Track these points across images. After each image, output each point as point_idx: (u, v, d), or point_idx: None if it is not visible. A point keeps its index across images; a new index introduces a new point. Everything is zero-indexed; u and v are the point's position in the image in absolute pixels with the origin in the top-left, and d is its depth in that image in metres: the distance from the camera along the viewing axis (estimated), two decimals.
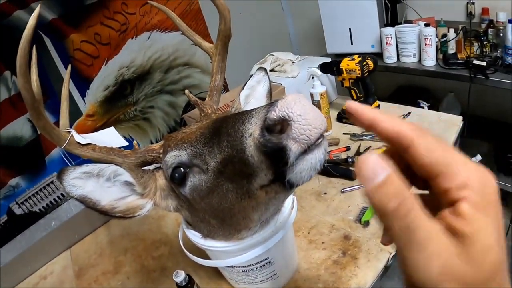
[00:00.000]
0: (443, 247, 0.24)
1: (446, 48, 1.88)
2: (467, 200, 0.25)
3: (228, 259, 0.64)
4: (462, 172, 0.25)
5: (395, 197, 0.25)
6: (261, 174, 0.42)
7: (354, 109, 0.31)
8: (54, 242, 1.13)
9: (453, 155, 0.26)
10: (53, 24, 1.52)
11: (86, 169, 0.57)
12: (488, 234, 0.24)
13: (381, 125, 0.29)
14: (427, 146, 0.26)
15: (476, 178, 0.25)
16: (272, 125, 0.36)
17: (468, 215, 0.24)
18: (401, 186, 0.26)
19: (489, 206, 0.25)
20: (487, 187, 0.25)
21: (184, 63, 2.11)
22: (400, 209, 0.25)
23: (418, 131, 0.27)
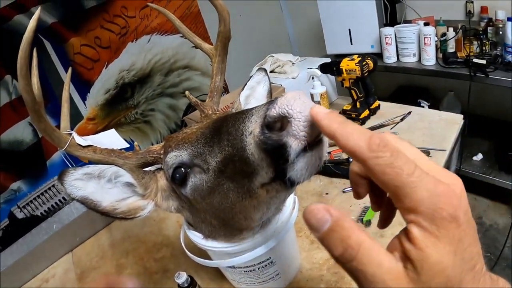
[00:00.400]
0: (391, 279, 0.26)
1: (446, 47, 1.89)
2: (416, 225, 0.26)
3: (230, 259, 0.64)
4: (412, 195, 0.26)
5: (339, 245, 0.27)
6: (262, 172, 0.41)
7: (317, 120, 0.31)
8: (55, 245, 1.13)
9: (406, 178, 0.26)
10: (53, 28, 1.53)
11: (87, 170, 0.57)
12: (438, 259, 0.25)
13: (339, 141, 0.29)
14: (379, 168, 0.26)
15: (427, 201, 0.25)
16: (272, 123, 0.36)
17: (418, 241, 0.25)
18: (345, 233, 0.27)
19: (441, 230, 0.25)
20: (439, 211, 0.25)
21: (184, 65, 2.11)
22: (345, 255, 0.27)
23: (373, 151, 0.27)
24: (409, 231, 0.26)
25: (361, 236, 0.27)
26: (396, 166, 0.26)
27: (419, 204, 0.25)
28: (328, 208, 0.28)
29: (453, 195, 0.26)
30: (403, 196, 0.26)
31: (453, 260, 0.25)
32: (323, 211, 0.28)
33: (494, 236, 1.95)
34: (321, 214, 0.28)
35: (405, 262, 0.26)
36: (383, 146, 0.27)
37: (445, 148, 1.14)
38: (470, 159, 2.02)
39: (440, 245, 0.25)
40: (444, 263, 0.25)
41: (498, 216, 2.05)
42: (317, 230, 0.28)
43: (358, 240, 0.27)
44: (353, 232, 0.27)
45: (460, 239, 0.25)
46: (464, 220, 0.25)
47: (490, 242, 1.92)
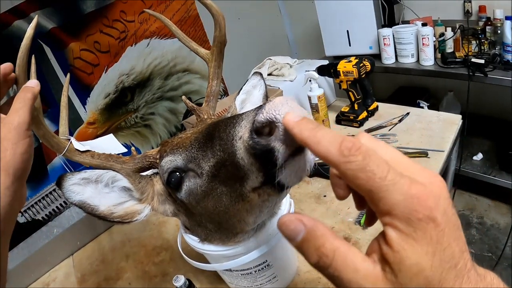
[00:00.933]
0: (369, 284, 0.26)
1: (444, 47, 1.89)
2: (392, 227, 0.26)
3: (226, 263, 0.64)
4: (385, 199, 0.25)
5: (314, 253, 0.28)
6: (252, 177, 0.42)
7: (289, 128, 0.31)
8: (56, 249, 1.14)
9: (379, 182, 0.26)
10: (52, 33, 1.54)
11: (85, 175, 0.58)
12: (415, 260, 0.25)
13: (311, 148, 0.29)
14: (351, 173, 0.26)
15: (402, 205, 0.25)
16: (260, 128, 0.36)
17: (394, 243, 0.25)
18: (319, 242, 0.28)
19: (418, 232, 0.25)
20: (415, 213, 0.25)
21: (184, 69, 2.12)
22: (321, 263, 0.27)
23: (344, 156, 0.26)
24: (386, 234, 0.26)
25: (335, 243, 0.27)
26: (368, 170, 0.26)
27: (393, 208, 0.25)
28: (300, 218, 0.29)
29: (429, 196, 0.25)
30: (377, 200, 0.26)
31: (432, 261, 0.25)
32: (296, 221, 0.29)
33: (495, 235, 1.95)
34: (294, 225, 0.29)
35: (383, 264, 0.26)
36: (355, 150, 0.26)
37: (444, 148, 1.15)
38: (470, 159, 2.02)
39: (417, 247, 0.25)
40: (422, 265, 0.25)
41: (499, 215, 2.05)
42: (292, 240, 0.29)
43: (332, 248, 0.27)
44: (327, 240, 0.28)
45: (438, 240, 0.25)
46: (442, 220, 0.25)
47: (492, 242, 1.92)
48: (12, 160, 0.46)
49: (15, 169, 0.46)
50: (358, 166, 0.26)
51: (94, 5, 1.67)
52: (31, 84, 0.51)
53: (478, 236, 1.99)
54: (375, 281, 0.26)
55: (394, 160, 0.28)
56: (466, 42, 1.86)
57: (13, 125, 0.47)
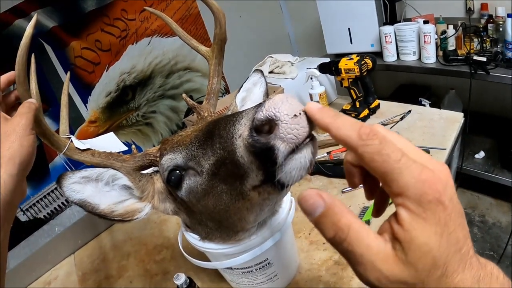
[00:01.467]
0: (379, 260, 0.28)
1: (446, 45, 1.88)
2: (404, 207, 0.27)
3: (226, 261, 0.64)
4: (398, 181, 0.27)
5: (331, 229, 0.29)
6: (252, 175, 0.42)
7: (311, 114, 0.33)
8: (58, 247, 1.14)
9: (393, 165, 0.27)
10: (53, 32, 1.54)
11: (85, 173, 0.58)
12: (424, 240, 0.26)
13: (332, 132, 0.31)
14: (368, 156, 0.28)
15: (414, 186, 0.27)
16: (260, 126, 0.36)
17: (405, 223, 0.27)
18: (336, 217, 0.29)
19: (428, 213, 0.26)
20: (425, 195, 0.26)
21: (185, 67, 2.12)
22: (336, 238, 0.29)
23: (362, 140, 0.28)
24: (397, 214, 0.28)
25: (350, 218, 0.29)
26: (383, 154, 0.28)
27: (406, 189, 0.27)
28: (321, 194, 0.30)
29: (438, 181, 0.27)
30: (390, 181, 0.28)
31: (439, 242, 0.26)
32: (316, 196, 0.30)
33: (497, 234, 1.95)
34: (314, 199, 0.30)
35: (394, 243, 0.28)
36: (372, 135, 0.28)
37: (445, 146, 1.14)
38: (472, 157, 2.02)
39: (426, 227, 0.26)
40: (430, 245, 0.26)
41: (501, 214, 2.04)
42: (310, 214, 0.30)
43: (348, 223, 0.29)
44: (343, 216, 0.29)
45: (446, 223, 0.26)
46: (449, 205, 0.27)
47: (493, 240, 1.92)
48: (19, 151, 0.51)
49: (21, 159, 0.51)
50: (375, 149, 0.28)
51: (95, 3, 1.67)
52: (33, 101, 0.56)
53: (479, 235, 1.98)
54: (385, 257, 0.28)
55: (406, 149, 0.30)
56: (468, 40, 1.85)
57: (19, 124, 0.52)
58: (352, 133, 0.29)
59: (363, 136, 0.28)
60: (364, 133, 0.29)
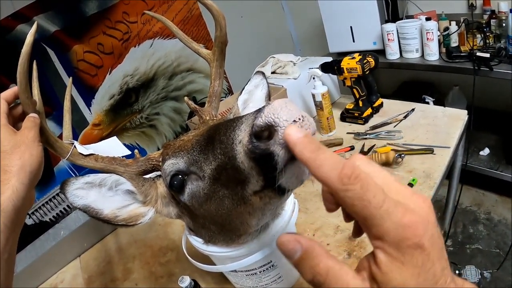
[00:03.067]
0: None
1: (449, 41, 1.87)
2: (382, 251, 0.28)
3: (230, 264, 0.64)
4: (379, 226, 0.27)
5: (309, 272, 0.30)
6: (253, 180, 0.42)
7: (291, 146, 0.31)
8: (63, 251, 1.15)
9: (373, 211, 0.27)
10: (56, 36, 1.55)
11: (88, 179, 0.58)
12: (401, 281, 0.27)
13: (311, 170, 0.30)
14: (348, 201, 0.28)
15: (394, 232, 0.27)
16: (260, 132, 0.36)
17: (383, 265, 0.27)
18: (314, 261, 0.30)
19: (406, 257, 0.27)
20: (405, 241, 0.27)
21: (188, 68, 2.13)
22: (315, 280, 0.29)
23: (343, 183, 0.28)
24: (375, 256, 0.28)
25: (329, 263, 0.29)
26: (365, 199, 0.27)
27: (385, 234, 0.27)
28: (298, 239, 0.31)
29: (419, 224, 0.27)
30: (370, 225, 0.28)
31: (416, 282, 0.27)
32: (294, 242, 0.31)
33: (503, 231, 1.93)
34: (292, 245, 0.31)
35: (372, 283, 0.28)
36: (354, 179, 0.27)
37: (449, 145, 1.14)
38: (477, 154, 2.00)
39: (404, 270, 0.27)
40: (406, 285, 0.27)
41: (506, 211, 2.02)
42: (289, 258, 0.31)
43: (326, 267, 0.29)
44: (321, 260, 0.29)
45: (424, 263, 0.27)
46: (428, 244, 0.27)
47: (499, 237, 1.90)
48: (29, 160, 0.54)
49: (31, 168, 0.54)
50: (356, 195, 0.27)
51: (97, 7, 1.67)
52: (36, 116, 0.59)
53: (485, 232, 1.97)
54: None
55: (387, 185, 0.29)
56: (471, 36, 1.84)
57: (28, 136, 0.55)
58: (333, 175, 0.28)
59: (344, 179, 0.28)
60: (345, 176, 0.28)
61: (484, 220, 2.05)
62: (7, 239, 0.50)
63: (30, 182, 0.54)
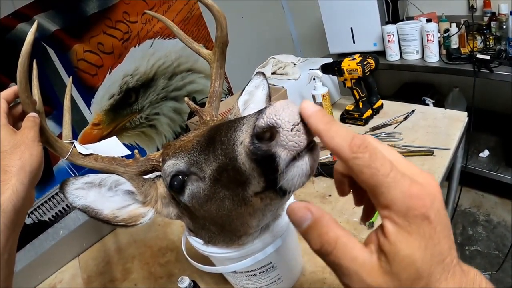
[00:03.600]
0: (364, 271, 0.28)
1: (449, 43, 1.87)
2: (390, 220, 0.28)
3: (230, 265, 0.64)
4: (386, 194, 0.28)
5: (317, 241, 0.30)
6: (254, 182, 0.42)
7: (306, 117, 0.33)
8: (62, 250, 1.15)
9: (381, 179, 0.28)
10: (56, 35, 1.54)
11: (88, 179, 0.58)
12: (409, 252, 0.27)
13: (324, 140, 0.30)
14: (358, 168, 0.28)
15: (401, 201, 0.27)
16: (261, 133, 0.36)
17: (391, 235, 0.28)
18: (323, 230, 0.30)
19: (413, 226, 0.27)
20: (411, 210, 0.27)
21: (188, 68, 2.12)
22: (323, 250, 0.30)
23: (353, 152, 0.29)
24: (384, 226, 0.28)
25: (338, 232, 0.30)
26: (373, 167, 0.28)
27: (393, 203, 0.27)
28: (309, 207, 0.31)
29: (426, 196, 0.27)
30: (378, 194, 0.28)
31: (423, 254, 0.27)
32: (304, 209, 0.31)
33: (502, 233, 1.93)
34: (302, 212, 0.31)
35: (380, 254, 0.28)
36: (363, 148, 0.28)
37: (449, 146, 1.14)
38: (477, 156, 2.00)
39: (411, 240, 0.27)
40: (414, 257, 0.27)
41: (506, 212, 2.03)
42: (298, 226, 0.31)
43: (335, 236, 0.29)
44: (331, 229, 0.30)
45: (431, 236, 0.27)
46: (435, 218, 0.27)
47: (498, 239, 1.90)
48: (30, 160, 0.54)
49: (31, 168, 0.54)
50: (365, 162, 0.28)
51: (97, 6, 1.67)
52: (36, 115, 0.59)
53: (484, 234, 1.97)
54: (370, 269, 0.28)
55: (396, 160, 0.30)
56: (471, 38, 1.84)
57: (28, 136, 0.55)
58: (344, 144, 0.29)
59: (354, 148, 0.29)
60: (355, 145, 0.29)
61: (483, 222, 2.05)
62: (7, 239, 0.51)
63: (30, 182, 0.54)
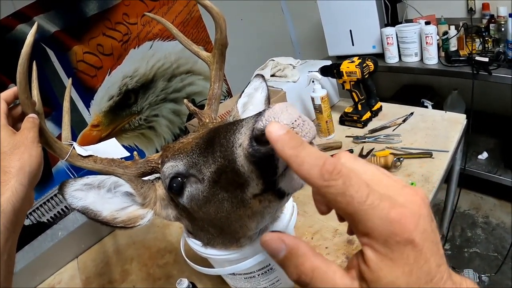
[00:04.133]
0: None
1: (448, 45, 1.88)
2: (370, 248, 0.26)
3: (228, 267, 0.64)
4: (365, 222, 0.26)
5: (294, 271, 0.29)
6: (253, 184, 0.42)
7: (273, 142, 0.28)
8: (61, 252, 1.15)
9: (358, 207, 0.26)
10: (56, 36, 1.55)
11: (87, 181, 0.58)
12: (391, 280, 0.26)
13: (293, 168, 0.28)
14: (332, 197, 0.27)
15: (381, 227, 0.25)
16: (260, 135, 0.36)
17: (372, 263, 0.26)
18: (299, 260, 0.29)
19: (395, 253, 0.25)
20: (394, 236, 0.25)
21: (187, 70, 2.13)
22: (300, 280, 0.29)
23: (325, 180, 0.26)
24: (364, 254, 0.27)
25: (315, 262, 0.28)
26: (347, 195, 0.26)
27: (372, 230, 0.26)
28: (282, 238, 0.30)
29: (408, 218, 0.26)
30: (356, 222, 0.26)
31: (408, 279, 0.26)
32: (278, 241, 0.30)
33: (501, 235, 1.93)
34: (275, 244, 0.30)
35: (361, 281, 0.27)
36: (336, 174, 0.26)
37: (448, 149, 1.14)
38: (475, 158, 2.01)
39: (394, 267, 0.26)
40: (397, 282, 0.25)
41: (505, 215, 2.03)
42: (274, 257, 0.30)
43: (311, 266, 0.28)
44: (307, 259, 0.29)
45: (416, 259, 0.26)
46: (421, 240, 0.26)
47: (497, 241, 1.90)
48: (29, 161, 0.54)
49: (30, 169, 0.54)
50: (338, 191, 0.26)
51: (97, 8, 1.67)
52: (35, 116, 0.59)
53: (483, 236, 1.97)
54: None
55: (374, 180, 0.28)
56: (469, 40, 1.85)
57: (27, 137, 0.55)
58: (314, 172, 0.27)
59: (325, 175, 0.26)
60: (327, 172, 0.26)
61: (482, 224, 2.05)
62: (7, 240, 0.51)
63: (29, 183, 0.54)
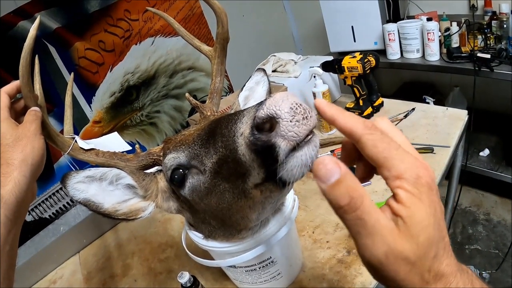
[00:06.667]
0: (387, 233, 0.30)
1: (450, 42, 1.87)
2: (402, 189, 0.31)
3: (229, 259, 0.65)
4: (397, 166, 0.31)
5: (346, 195, 0.30)
6: (254, 173, 0.42)
7: (320, 108, 0.35)
8: (63, 247, 1.15)
9: (393, 152, 0.32)
10: (57, 33, 1.55)
11: (89, 173, 0.58)
12: (423, 216, 0.30)
13: (338, 122, 0.34)
14: (371, 143, 0.32)
15: (410, 171, 0.31)
16: (261, 124, 0.36)
17: (405, 201, 0.30)
18: (352, 185, 0.30)
19: (423, 194, 0.30)
20: (420, 179, 0.31)
21: (189, 67, 2.13)
22: (351, 204, 0.30)
23: (367, 129, 0.32)
24: (396, 194, 0.31)
25: (364, 190, 0.31)
26: (385, 141, 0.32)
27: (403, 172, 0.31)
28: (337, 161, 0.31)
29: (429, 170, 0.31)
30: (390, 165, 0.31)
31: (433, 221, 0.30)
32: (333, 163, 0.31)
33: (502, 232, 1.93)
34: (331, 165, 0.31)
35: (396, 219, 0.31)
36: (374, 128, 0.33)
37: (449, 144, 1.14)
38: (477, 155, 2.00)
39: (422, 206, 0.30)
40: (427, 221, 0.30)
41: (506, 212, 2.03)
42: (325, 180, 0.30)
43: (362, 193, 0.31)
44: (359, 186, 0.31)
45: (435, 208, 0.31)
46: (436, 195, 0.31)
47: (498, 239, 1.90)
48: (31, 153, 0.55)
49: (33, 161, 0.55)
50: (378, 137, 0.32)
51: (98, 4, 1.67)
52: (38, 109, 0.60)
53: (484, 233, 1.97)
54: (392, 231, 0.30)
55: (403, 143, 0.34)
56: (471, 37, 1.84)
57: (30, 130, 0.56)
58: (359, 124, 0.33)
59: (368, 126, 0.32)
60: (367, 125, 0.33)
61: (483, 221, 2.05)
62: (9, 231, 0.51)
63: (32, 174, 0.54)
